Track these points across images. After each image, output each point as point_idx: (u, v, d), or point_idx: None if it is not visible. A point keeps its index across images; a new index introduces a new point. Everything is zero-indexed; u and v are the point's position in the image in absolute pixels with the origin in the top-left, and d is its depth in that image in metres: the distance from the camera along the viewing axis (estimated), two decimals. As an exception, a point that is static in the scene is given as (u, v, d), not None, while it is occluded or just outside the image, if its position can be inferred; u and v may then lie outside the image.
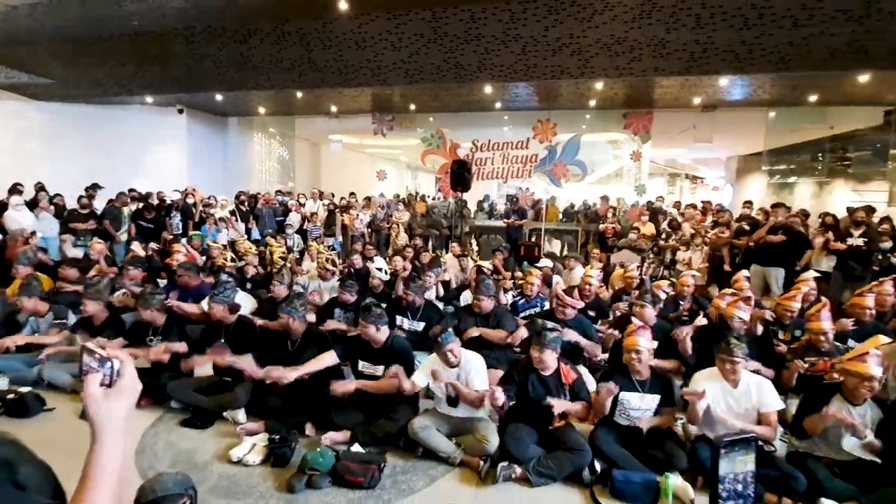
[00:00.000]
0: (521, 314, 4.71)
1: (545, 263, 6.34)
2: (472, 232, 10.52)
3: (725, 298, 3.84)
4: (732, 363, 2.85)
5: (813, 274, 4.86)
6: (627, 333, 3.12)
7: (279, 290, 4.75)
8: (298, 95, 9.74)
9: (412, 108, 10.71)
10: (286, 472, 2.86)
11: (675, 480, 2.64)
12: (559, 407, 2.89)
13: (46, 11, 6.21)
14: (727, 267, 6.82)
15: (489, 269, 6.05)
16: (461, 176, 8.44)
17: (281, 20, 6.49)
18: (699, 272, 6.54)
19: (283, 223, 9.48)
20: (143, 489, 2.10)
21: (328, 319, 4.56)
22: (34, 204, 8.02)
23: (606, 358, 4.15)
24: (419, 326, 4.37)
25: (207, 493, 2.66)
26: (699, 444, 2.84)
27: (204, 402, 3.50)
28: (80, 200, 8.36)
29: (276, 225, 9.75)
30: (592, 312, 4.72)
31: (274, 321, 4.12)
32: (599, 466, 2.85)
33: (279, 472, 2.88)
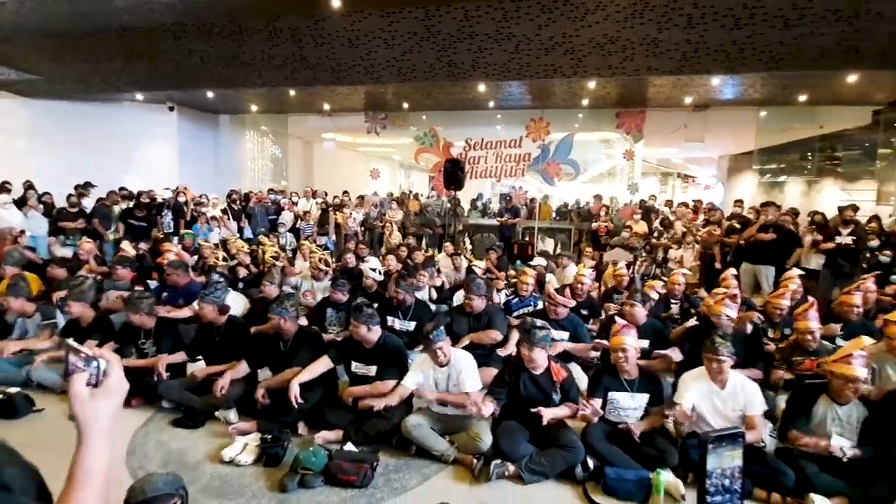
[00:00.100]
0: (514, 313, 4.70)
1: (539, 262, 6.35)
2: (465, 230, 10.51)
3: (715, 297, 3.87)
4: (718, 362, 2.86)
5: (797, 272, 4.91)
6: (613, 333, 3.13)
7: (270, 290, 4.73)
8: (291, 93, 9.67)
9: (405, 106, 10.68)
10: (278, 471, 2.85)
11: (666, 477, 2.66)
12: (547, 415, 2.89)
13: (34, 7, 6.11)
14: (718, 265, 6.86)
15: (481, 269, 6.04)
16: (454, 174, 8.45)
17: (272, 17, 6.42)
18: (691, 270, 6.59)
19: (275, 222, 9.43)
20: (132, 490, 2.07)
21: (320, 321, 4.54)
22: (23, 202, 7.92)
23: (598, 356, 4.16)
24: (410, 326, 4.35)
25: (199, 493, 2.65)
26: (690, 440, 2.86)
27: (195, 401, 3.48)
28: (69, 199, 8.27)
29: (268, 224, 9.71)
30: (585, 311, 4.73)
31: (265, 322, 4.09)
32: (592, 463, 2.87)
33: (271, 471, 2.87)
